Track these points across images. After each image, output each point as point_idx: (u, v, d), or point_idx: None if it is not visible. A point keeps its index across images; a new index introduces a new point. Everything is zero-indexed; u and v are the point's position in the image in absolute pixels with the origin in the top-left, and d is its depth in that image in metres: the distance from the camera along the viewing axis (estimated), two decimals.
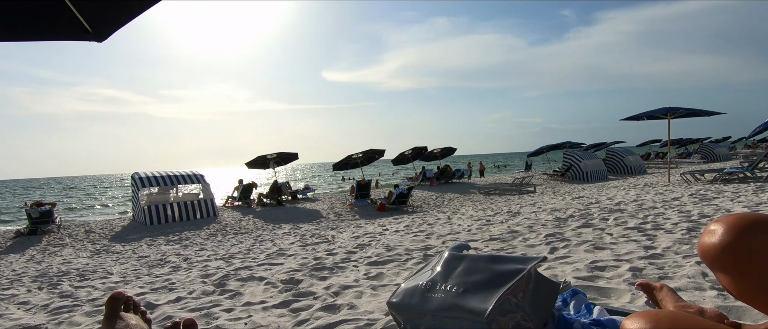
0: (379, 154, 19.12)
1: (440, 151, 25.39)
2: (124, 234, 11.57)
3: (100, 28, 1.67)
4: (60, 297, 4.33)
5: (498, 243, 4.79)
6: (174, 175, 14.63)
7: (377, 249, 5.20)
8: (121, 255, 8.28)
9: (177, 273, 5.04)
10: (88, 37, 1.67)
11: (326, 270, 4.28)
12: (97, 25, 1.65)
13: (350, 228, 8.26)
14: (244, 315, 3.09)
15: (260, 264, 4.99)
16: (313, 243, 6.35)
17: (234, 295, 3.71)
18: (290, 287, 3.80)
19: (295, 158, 19.79)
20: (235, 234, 10.83)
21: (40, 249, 10.11)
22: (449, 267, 1.53)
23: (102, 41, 1.70)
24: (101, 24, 1.66)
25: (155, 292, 4.12)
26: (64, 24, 1.56)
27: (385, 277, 3.84)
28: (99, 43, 1.72)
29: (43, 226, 12.12)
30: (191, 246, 8.47)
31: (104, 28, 1.67)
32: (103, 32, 1.68)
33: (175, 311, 3.36)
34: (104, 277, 5.38)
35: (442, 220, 7.78)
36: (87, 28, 1.65)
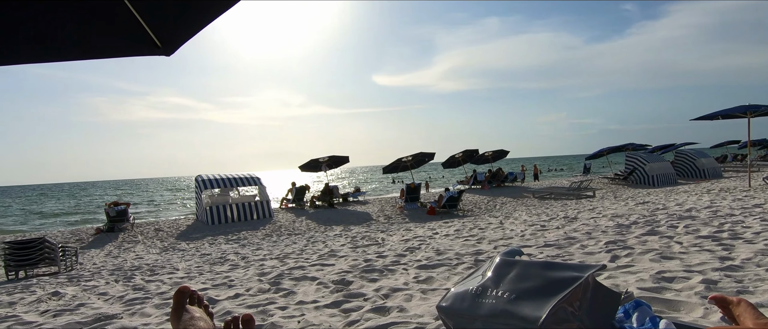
0: (429, 157, 19.03)
1: (492, 154, 24.81)
2: (189, 233, 12.35)
3: (169, 43, 1.79)
4: (133, 289, 4.70)
5: (553, 250, 4.60)
6: (233, 178, 15.42)
7: (427, 252, 5.18)
8: (185, 253, 8.85)
9: (235, 271, 5.30)
10: (158, 52, 1.80)
11: (376, 273, 4.32)
12: (166, 40, 1.78)
13: (400, 231, 8.28)
14: (298, 314, 3.19)
15: (313, 264, 5.13)
16: (363, 246, 6.43)
17: (288, 294, 3.84)
18: (341, 288, 3.88)
19: (346, 161, 20.15)
20: (288, 234, 11.22)
21: (116, 245, 11.05)
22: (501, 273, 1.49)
23: (170, 55, 1.83)
24: (169, 39, 1.78)
25: (216, 288, 4.36)
26: (138, 41, 1.70)
27: (435, 281, 3.81)
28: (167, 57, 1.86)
29: (119, 224, 13.23)
30: (248, 246, 8.88)
31: (172, 42, 1.80)
32: (171, 46, 1.81)
33: (233, 307, 3.54)
34: (171, 272, 5.77)
35: (493, 225, 7.60)
36: (157, 43, 1.78)
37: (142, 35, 1.69)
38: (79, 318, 3.52)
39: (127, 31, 1.65)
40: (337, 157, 19.60)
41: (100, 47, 1.73)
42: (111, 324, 3.30)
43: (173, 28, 1.75)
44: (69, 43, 1.69)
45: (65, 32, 1.67)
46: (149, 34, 1.70)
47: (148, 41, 1.71)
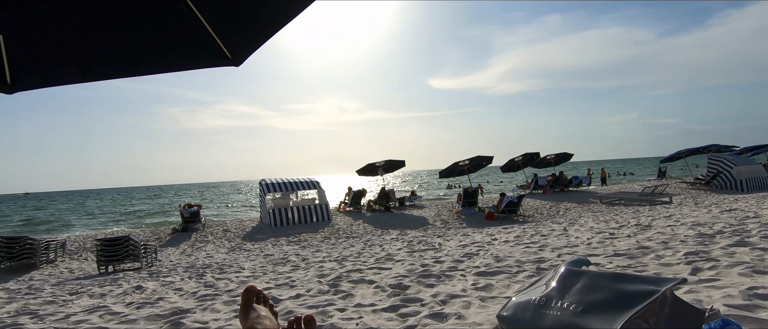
0: (486, 161, 18.58)
1: (554, 158, 23.73)
2: (253, 234, 13.01)
3: (238, 54, 1.91)
4: (205, 286, 5.03)
5: (624, 260, 4.30)
6: (294, 182, 16.04)
7: (486, 259, 5.05)
8: (251, 253, 9.33)
9: (296, 272, 5.50)
10: (229, 63, 1.93)
11: (433, 278, 4.28)
12: (235, 51, 1.90)
13: (457, 236, 8.15)
14: (356, 316, 3.24)
15: (370, 267, 5.20)
16: (420, 250, 6.41)
17: (346, 296, 3.92)
18: (398, 292, 3.89)
19: (402, 165, 20.22)
20: (346, 237, 11.45)
21: (189, 244, 11.90)
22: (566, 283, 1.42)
23: (239, 65, 1.95)
24: (239, 50, 1.90)
25: (279, 288, 4.55)
26: (211, 54, 1.84)
27: (495, 289, 3.70)
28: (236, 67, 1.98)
29: (192, 224, 14.24)
30: (308, 248, 9.18)
31: (241, 53, 1.91)
32: (240, 57, 1.92)
33: (295, 306, 3.67)
34: (238, 271, 6.10)
35: (557, 232, 7.25)
36: (228, 55, 1.91)
37: (215, 48, 1.82)
38: (159, 311, 3.83)
39: (201, 45, 1.79)
40: (394, 161, 19.72)
41: (177, 61, 1.88)
42: (186, 317, 3.55)
43: (242, 40, 1.87)
44: (151, 59, 1.86)
45: (147, 49, 1.84)
46: (221, 47, 1.83)
47: (219, 53, 1.84)
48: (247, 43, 1.87)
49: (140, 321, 3.56)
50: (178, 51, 1.86)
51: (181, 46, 1.83)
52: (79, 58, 1.81)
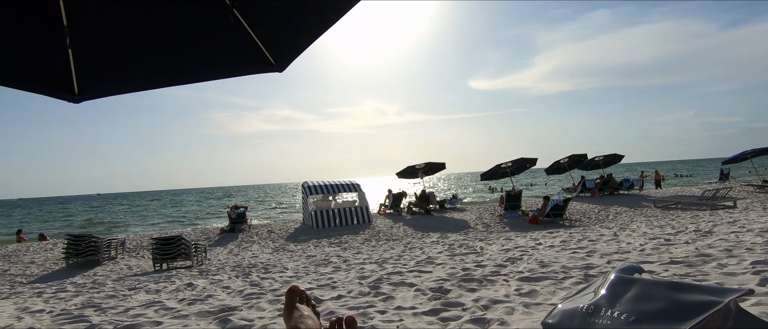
0: (530, 163, 18.06)
1: (603, 159, 22.68)
2: (296, 235, 13.33)
3: (282, 60, 1.98)
4: (251, 285, 5.21)
5: (681, 268, 4.03)
6: (335, 184, 16.30)
7: (530, 264, 4.90)
8: (294, 254, 9.57)
9: (338, 273, 5.58)
10: (273, 69, 2.00)
11: (475, 282, 4.21)
12: (279, 57, 1.97)
13: (500, 240, 7.97)
14: (396, 319, 3.24)
15: (410, 270, 5.18)
16: (461, 254, 6.32)
17: (387, 298, 3.93)
18: (439, 295, 3.85)
19: (443, 168, 20.04)
20: (387, 240, 11.49)
21: (236, 244, 12.37)
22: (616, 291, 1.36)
23: (282, 71, 2.02)
24: (282, 56, 1.97)
25: (320, 288, 4.63)
26: (256, 60, 1.91)
27: (539, 295, 3.59)
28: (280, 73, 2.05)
29: (239, 225, 14.80)
30: (349, 249, 9.29)
31: (284, 59, 1.98)
32: (284, 63, 1.99)
33: (336, 307, 3.73)
34: (282, 271, 6.27)
35: (606, 237, 6.92)
36: (272, 61, 1.97)
37: (260, 55, 1.89)
38: (208, 308, 4.00)
39: (247, 53, 1.87)
40: (434, 164, 19.59)
41: (226, 68, 1.98)
42: (233, 315, 3.69)
43: (284, 47, 1.93)
44: (202, 67, 1.97)
45: (199, 57, 1.95)
46: (265, 54, 1.90)
47: (264, 60, 1.91)
48: (289, 49, 1.94)
49: (191, 316, 3.74)
50: (226, 59, 1.95)
51: (229, 54, 1.92)
52: (138, 69, 1.94)
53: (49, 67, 1.78)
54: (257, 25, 1.81)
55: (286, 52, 1.95)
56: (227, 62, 1.98)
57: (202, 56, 1.93)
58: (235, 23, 1.74)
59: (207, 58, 1.94)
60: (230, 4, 1.69)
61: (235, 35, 1.79)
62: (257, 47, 1.85)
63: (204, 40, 1.86)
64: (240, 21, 1.74)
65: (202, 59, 1.94)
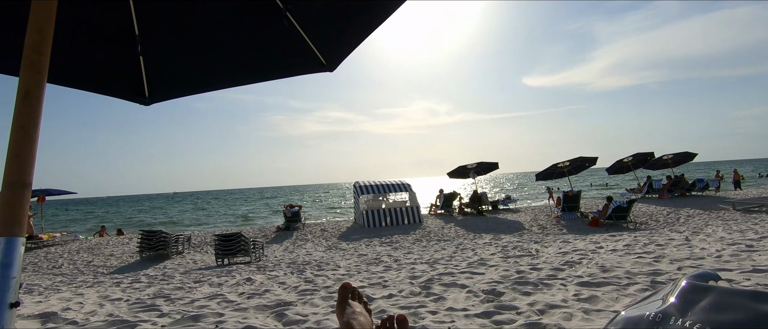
0: (589, 162, 17.14)
1: (672, 158, 21.03)
2: (348, 234, 13.57)
3: (332, 60, 2.03)
4: (305, 281, 5.37)
5: (766, 278, 3.64)
6: (386, 184, 16.41)
7: (589, 268, 4.65)
8: (346, 252, 9.75)
9: (389, 272, 5.61)
10: (324, 69, 2.05)
11: (530, 285, 4.06)
12: (329, 57, 2.02)
13: (557, 242, 7.63)
14: (448, 320, 3.20)
15: (462, 271, 5.10)
16: (515, 256, 6.12)
17: (438, 299, 3.89)
18: (492, 298, 3.75)
19: (495, 168, 19.55)
20: (438, 240, 11.39)
21: (291, 242, 12.81)
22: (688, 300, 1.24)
23: (333, 71, 2.07)
24: (333, 56, 2.02)
25: (372, 287, 4.67)
26: (308, 61, 1.97)
27: (600, 301, 3.39)
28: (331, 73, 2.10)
29: (294, 224, 15.32)
30: (400, 249, 9.31)
31: (335, 59, 2.03)
32: (334, 63, 2.04)
33: (387, 306, 3.74)
34: (334, 269, 6.41)
35: (676, 241, 6.41)
36: (323, 61, 2.03)
37: (311, 56, 1.95)
38: (266, 302, 4.18)
39: (300, 54, 1.94)
40: (486, 164, 19.15)
41: (281, 69, 2.06)
42: (288, 310, 3.83)
43: (334, 48, 1.98)
44: (259, 69, 2.07)
45: (256, 60, 2.04)
46: (317, 55, 1.95)
47: (316, 61, 1.97)
48: (339, 49, 1.98)
49: (250, 310, 3.92)
50: (280, 60, 2.03)
51: (283, 56, 2.00)
52: (201, 72, 2.07)
53: (123, 73, 1.94)
54: (308, 26, 1.86)
55: (337, 52, 2.00)
56: (281, 63, 2.06)
57: (259, 58, 2.03)
58: (288, 26, 1.80)
59: (263, 59, 2.03)
60: (283, 8, 1.75)
61: (289, 37, 1.85)
62: (309, 48, 1.91)
63: (260, 43, 1.95)
64: (293, 23, 1.80)
65: (258, 61, 2.04)
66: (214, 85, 2.05)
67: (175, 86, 2.05)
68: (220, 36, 1.91)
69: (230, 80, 2.05)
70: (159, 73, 1.97)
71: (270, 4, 1.75)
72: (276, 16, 1.76)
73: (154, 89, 2.00)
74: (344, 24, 1.86)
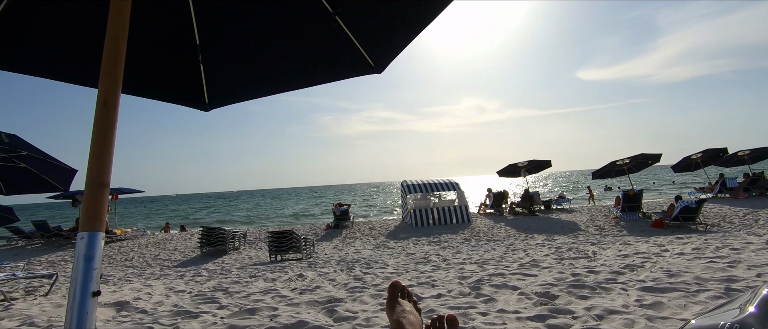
0: (652, 160, 16.05)
1: (749, 154, 19.21)
2: (396, 233, 13.61)
3: (380, 62, 2.05)
4: (354, 279, 5.46)
5: None
6: (434, 183, 16.30)
7: (654, 272, 4.36)
8: (394, 251, 9.79)
9: (437, 272, 5.57)
10: (372, 71, 2.08)
11: (587, 289, 3.87)
12: (377, 59, 2.04)
13: (616, 244, 7.22)
14: (499, 322, 3.13)
15: (513, 272, 4.96)
16: (570, 258, 5.87)
17: (488, 300, 3.82)
18: (545, 301, 3.62)
19: (548, 166, 18.83)
20: (487, 240, 11.15)
21: (341, 240, 13.06)
22: None
23: (381, 72, 2.08)
24: (380, 58, 2.04)
25: (420, 286, 4.67)
26: (357, 64, 2.00)
27: (666, 308, 3.17)
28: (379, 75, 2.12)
29: (343, 222, 15.60)
30: (449, 249, 9.21)
31: (383, 61, 2.05)
32: (383, 64, 2.05)
33: (436, 306, 3.72)
34: (383, 267, 6.46)
35: (755, 245, 5.85)
36: (371, 63, 2.05)
37: (360, 58, 1.98)
38: (317, 298, 4.29)
39: (349, 57, 1.97)
40: (538, 161, 18.50)
41: (331, 72, 2.11)
42: (338, 306, 3.91)
43: (382, 49, 2.00)
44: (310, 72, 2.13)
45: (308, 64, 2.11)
46: (365, 57, 1.98)
47: (364, 63, 2.00)
48: (387, 51, 2.00)
49: (302, 305, 4.05)
50: (330, 63, 2.08)
51: (333, 59, 2.05)
52: (257, 79, 2.17)
53: (186, 82, 2.08)
54: (357, 29, 1.89)
55: (384, 54, 2.01)
56: (331, 67, 2.11)
57: (310, 63, 2.09)
58: (337, 29, 1.84)
59: (314, 64, 2.09)
60: (332, 12, 1.79)
61: (338, 41, 1.90)
62: (357, 51, 1.94)
63: (311, 48, 2.01)
64: (341, 27, 1.84)
65: (309, 65, 2.10)
66: (268, 91, 2.14)
67: (232, 92, 2.16)
68: (273, 43, 1.99)
69: (283, 85, 2.13)
70: (218, 80, 2.09)
71: (320, 9, 1.80)
72: (325, 21, 1.81)
73: (214, 96, 2.12)
74: (392, 26, 1.87)
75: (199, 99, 2.12)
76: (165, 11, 1.83)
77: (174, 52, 1.98)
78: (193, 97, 2.11)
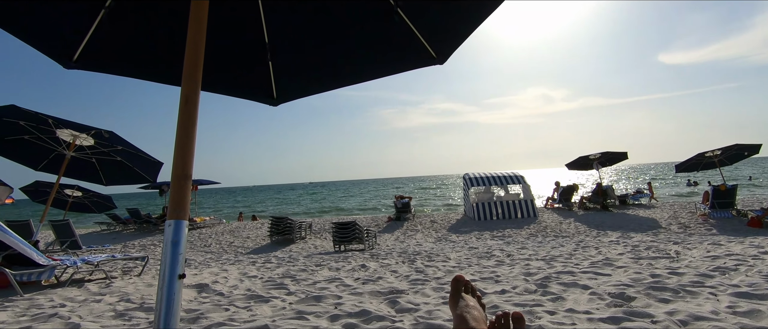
0: (749, 151, 14.32)
1: None
2: (458, 227, 13.44)
3: (443, 52, 2.02)
4: (415, 271, 5.48)
5: None
6: (497, 176, 15.84)
7: (750, 277, 3.91)
8: (456, 244, 9.68)
9: (501, 267, 5.42)
10: (434, 62, 2.06)
11: (668, 292, 3.57)
12: (440, 50, 2.02)
13: (704, 244, 6.57)
14: (568, 322, 2.98)
15: (584, 271, 4.70)
16: (648, 257, 5.44)
17: (556, 299, 3.65)
18: (620, 303, 3.39)
19: (624, 158, 17.52)
20: (555, 236, 10.65)
21: (402, 232, 13.15)
22: None
23: (443, 63, 2.06)
24: (443, 49, 2.01)
25: (483, 281, 4.58)
26: (419, 56, 1.99)
27: (765, 317, 2.83)
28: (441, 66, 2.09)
29: (404, 214, 15.69)
30: (513, 244, 8.93)
31: (445, 51, 2.02)
32: (445, 55, 2.03)
33: (500, 302, 3.63)
34: (444, 261, 6.42)
35: None
36: (433, 54, 2.03)
37: (422, 50, 1.97)
38: (379, 288, 4.37)
39: (410, 48, 1.97)
40: (612, 153, 17.27)
41: (394, 64, 2.13)
42: (400, 297, 3.95)
43: (445, 40, 1.97)
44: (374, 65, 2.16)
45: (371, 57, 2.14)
46: (427, 48, 1.96)
47: (426, 54, 1.99)
48: (449, 42, 1.97)
49: (365, 294, 4.14)
50: (393, 56, 2.09)
51: (395, 51, 2.06)
52: (322, 73, 2.23)
53: (256, 79, 2.19)
54: (419, 21, 1.88)
55: (447, 45, 1.98)
56: (394, 59, 2.12)
57: (373, 56, 2.12)
58: (400, 22, 1.84)
59: (376, 57, 2.12)
60: (394, 5, 1.79)
61: (400, 33, 1.90)
62: (420, 42, 1.93)
63: (373, 42, 2.03)
64: (404, 19, 1.84)
65: (372, 59, 2.13)
66: (333, 85, 2.20)
67: (299, 87, 2.25)
68: (337, 38, 2.03)
69: (347, 79, 2.17)
70: (285, 76, 2.18)
71: (382, 3, 1.81)
72: (388, 14, 1.81)
73: (282, 91, 2.22)
74: (454, 16, 1.84)
75: (268, 94, 2.23)
76: (237, 14, 1.94)
77: (245, 51, 2.10)
78: (262, 93, 2.22)
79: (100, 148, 6.68)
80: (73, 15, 1.71)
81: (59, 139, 6.23)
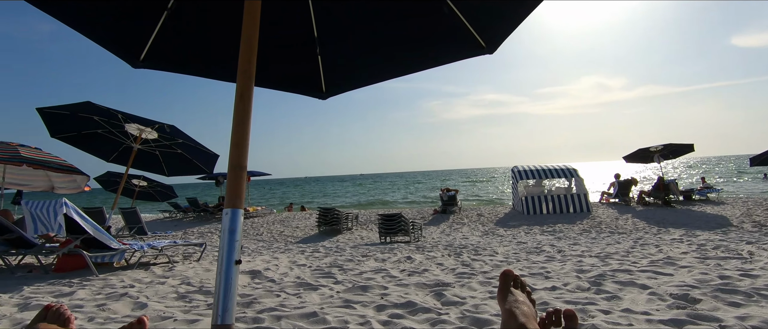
0: None
1: None
2: (506, 221, 13.13)
3: (492, 42, 1.97)
4: (462, 264, 5.43)
5: None
6: (548, 169, 15.28)
7: None
8: (503, 238, 9.47)
9: (551, 263, 5.25)
10: (483, 52, 2.01)
11: (740, 295, 3.30)
12: (489, 39, 1.97)
13: None
14: (624, 322, 2.84)
15: (642, 270, 4.45)
16: (716, 258, 5.05)
17: (611, 297, 3.49)
18: (684, 305, 3.18)
19: (689, 150, 16.30)
20: (610, 233, 10.14)
21: (448, 225, 13.05)
22: None
23: (492, 53, 2.01)
24: (492, 38, 1.96)
25: (532, 277, 4.45)
26: (468, 45, 1.96)
27: None
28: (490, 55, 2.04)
29: (450, 207, 15.55)
30: (564, 239, 8.60)
31: (495, 41, 1.97)
32: (494, 45, 1.98)
33: (551, 299, 3.52)
34: (492, 255, 6.30)
35: None
36: (482, 44, 1.98)
37: (471, 40, 1.93)
38: (425, 281, 4.37)
39: (459, 38, 1.94)
40: (676, 145, 16.11)
41: (442, 55, 2.10)
42: (446, 290, 3.93)
43: (494, 29, 1.92)
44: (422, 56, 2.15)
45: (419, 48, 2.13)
46: (476, 38, 1.92)
47: (475, 44, 1.94)
48: (499, 31, 1.91)
49: (411, 286, 4.16)
50: (442, 46, 2.07)
51: (444, 42, 2.03)
52: (370, 66, 2.25)
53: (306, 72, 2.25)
54: (468, 10, 1.84)
55: (496, 34, 1.93)
56: (442, 50, 2.10)
57: (421, 47, 2.10)
58: (449, 12, 1.81)
59: (425, 48, 2.11)
60: None
61: (449, 23, 1.87)
62: (469, 32, 1.89)
63: (422, 32, 2.02)
64: (452, 9, 1.81)
65: (421, 50, 2.12)
66: (380, 77, 2.21)
67: (347, 80, 2.28)
68: (385, 30, 2.04)
69: (395, 71, 2.18)
70: (334, 69, 2.22)
71: None
72: (436, 3, 1.79)
73: (331, 84, 2.26)
74: (504, 4, 1.78)
75: (318, 88, 2.28)
76: (287, 10, 2.00)
77: (295, 46, 2.16)
78: (312, 87, 2.28)
79: (162, 141, 7.15)
80: (139, 17, 1.84)
81: (127, 133, 6.74)
